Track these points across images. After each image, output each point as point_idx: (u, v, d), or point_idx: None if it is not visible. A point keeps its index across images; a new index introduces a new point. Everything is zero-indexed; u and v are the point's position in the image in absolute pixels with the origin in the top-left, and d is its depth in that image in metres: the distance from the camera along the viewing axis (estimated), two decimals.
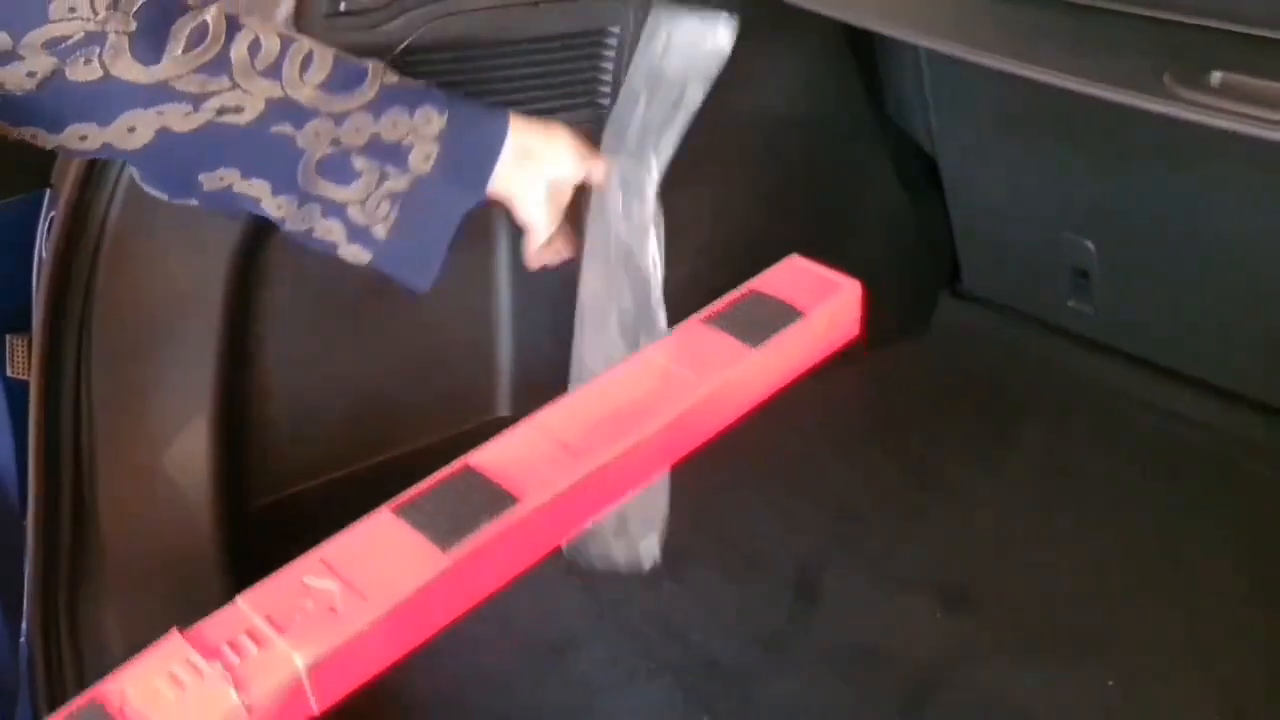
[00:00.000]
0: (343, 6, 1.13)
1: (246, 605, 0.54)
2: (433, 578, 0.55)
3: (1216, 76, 0.90)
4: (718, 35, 0.97)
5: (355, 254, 0.94)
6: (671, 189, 1.59)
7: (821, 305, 0.78)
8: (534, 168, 0.96)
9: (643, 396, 0.61)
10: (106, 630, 1.17)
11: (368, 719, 1.20)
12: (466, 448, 1.59)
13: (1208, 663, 1.24)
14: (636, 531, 1.06)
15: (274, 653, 0.52)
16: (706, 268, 1.65)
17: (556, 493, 0.56)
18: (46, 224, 1.13)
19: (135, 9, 0.78)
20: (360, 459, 1.52)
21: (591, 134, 1.07)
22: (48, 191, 1.13)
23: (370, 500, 1.49)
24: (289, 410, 1.39)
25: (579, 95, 1.32)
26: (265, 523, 1.41)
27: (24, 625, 1.14)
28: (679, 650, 1.27)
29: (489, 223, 1.44)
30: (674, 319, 1.65)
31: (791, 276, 0.84)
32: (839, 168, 1.75)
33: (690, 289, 1.65)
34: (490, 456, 0.56)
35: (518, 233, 1.07)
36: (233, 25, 0.83)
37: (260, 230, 1.18)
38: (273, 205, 0.90)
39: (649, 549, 1.08)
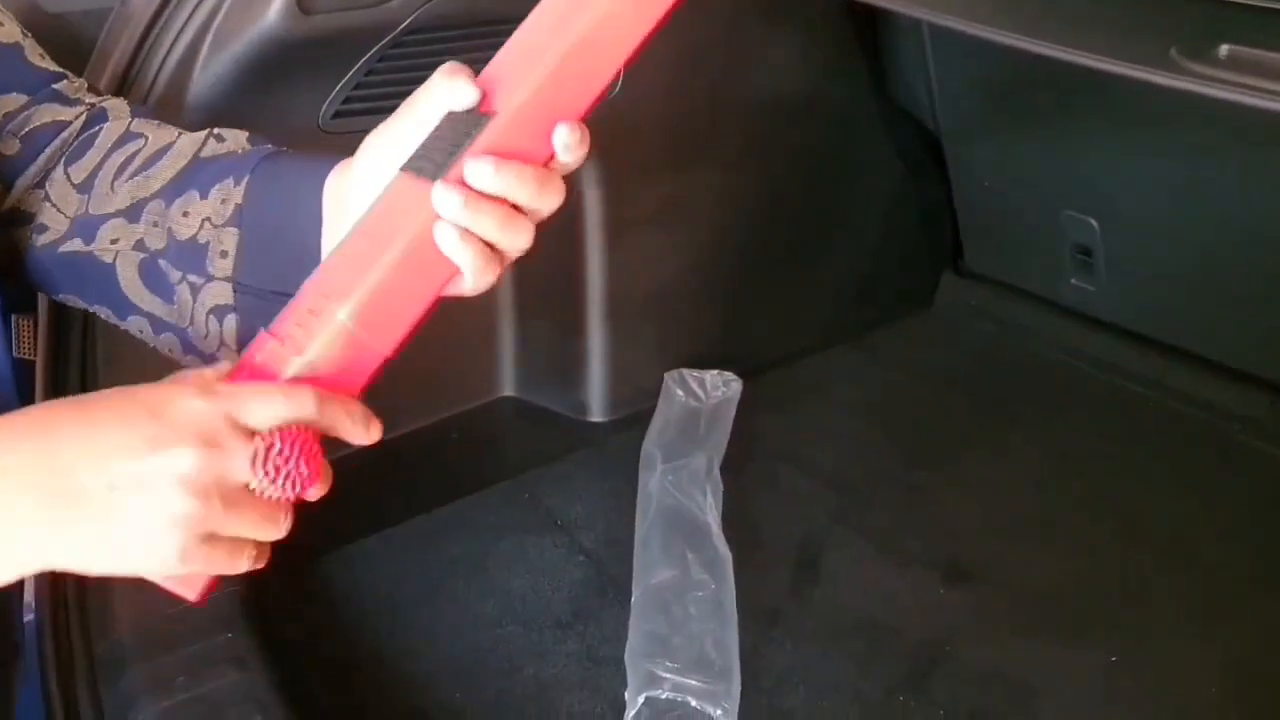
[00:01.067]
0: None
1: (307, 287, 0.61)
2: (431, 215, 0.59)
3: (1224, 50, 0.90)
4: None
5: None
6: (673, 171, 1.59)
7: None
8: None
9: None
10: (114, 610, 1.18)
11: (373, 696, 1.21)
12: (471, 427, 1.61)
13: (1210, 639, 1.24)
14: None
15: (325, 315, 0.59)
16: (707, 245, 1.65)
17: (523, 99, 0.60)
18: None
19: (25, 131, 0.74)
20: None
21: None
22: None
23: (376, 479, 1.50)
24: None
25: None
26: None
27: (30, 602, 1.14)
28: None
29: None
30: (675, 298, 1.66)
31: None
32: (841, 147, 1.74)
33: (690, 266, 1.66)
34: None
35: None
36: (88, 124, 0.76)
37: None
38: (135, 332, 0.76)
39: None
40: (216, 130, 0.75)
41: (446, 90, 0.61)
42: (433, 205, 0.58)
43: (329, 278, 0.60)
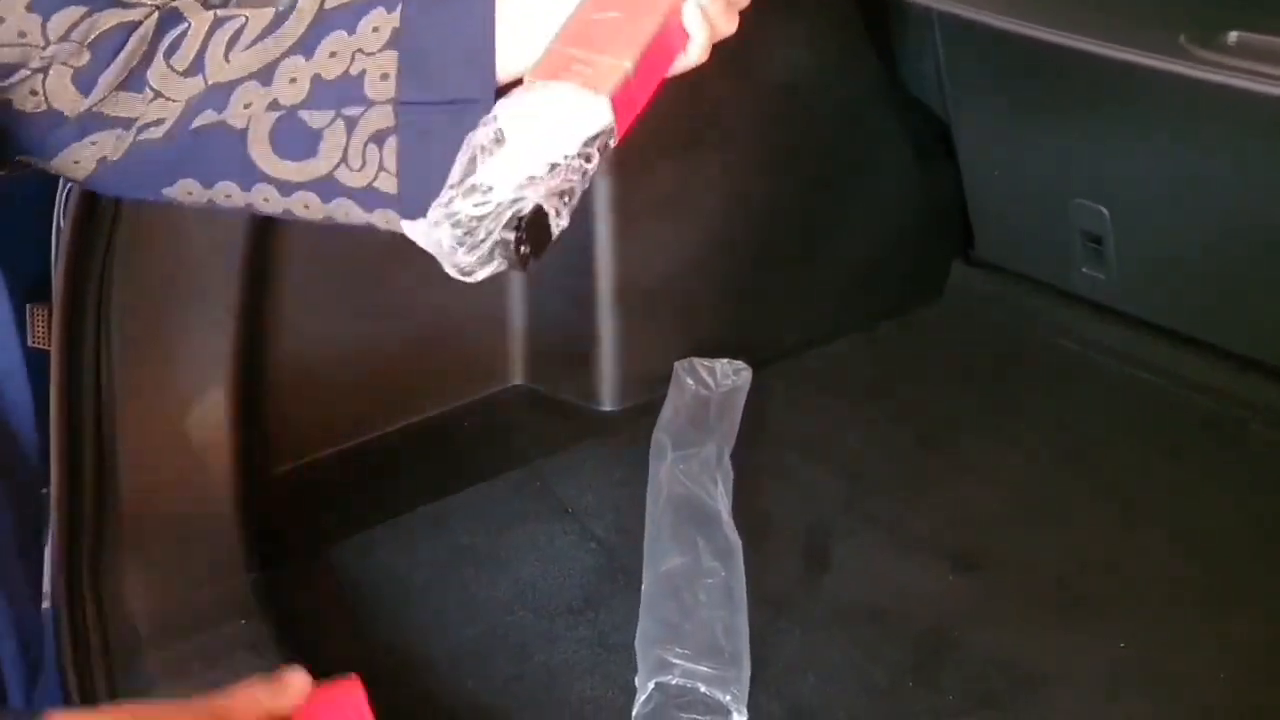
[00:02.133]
0: None
1: (563, 43, 0.68)
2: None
3: (1233, 36, 0.90)
4: None
5: (387, 221, 0.74)
6: (683, 159, 1.59)
7: None
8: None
9: None
10: (129, 596, 1.19)
11: (385, 682, 1.22)
12: (481, 415, 1.62)
13: (1220, 626, 1.24)
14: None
15: (606, 65, 0.66)
16: (717, 234, 1.65)
17: None
18: (65, 194, 1.14)
19: (92, 38, 0.72)
20: (378, 426, 1.54)
21: None
22: None
23: (387, 467, 1.51)
24: (307, 378, 1.40)
25: None
26: (285, 489, 1.42)
27: (47, 591, 1.15)
28: None
29: None
30: (685, 286, 1.66)
31: None
32: (851, 136, 1.74)
33: (700, 259, 1.66)
34: None
35: None
36: (163, 25, 0.74)
37: None
38: (259, 202, 0.76)
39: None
40: None
41: None
42: None
43: (595, 37, 0.67)
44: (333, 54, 0.72)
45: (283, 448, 1.42)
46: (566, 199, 0.64)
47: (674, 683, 1.14)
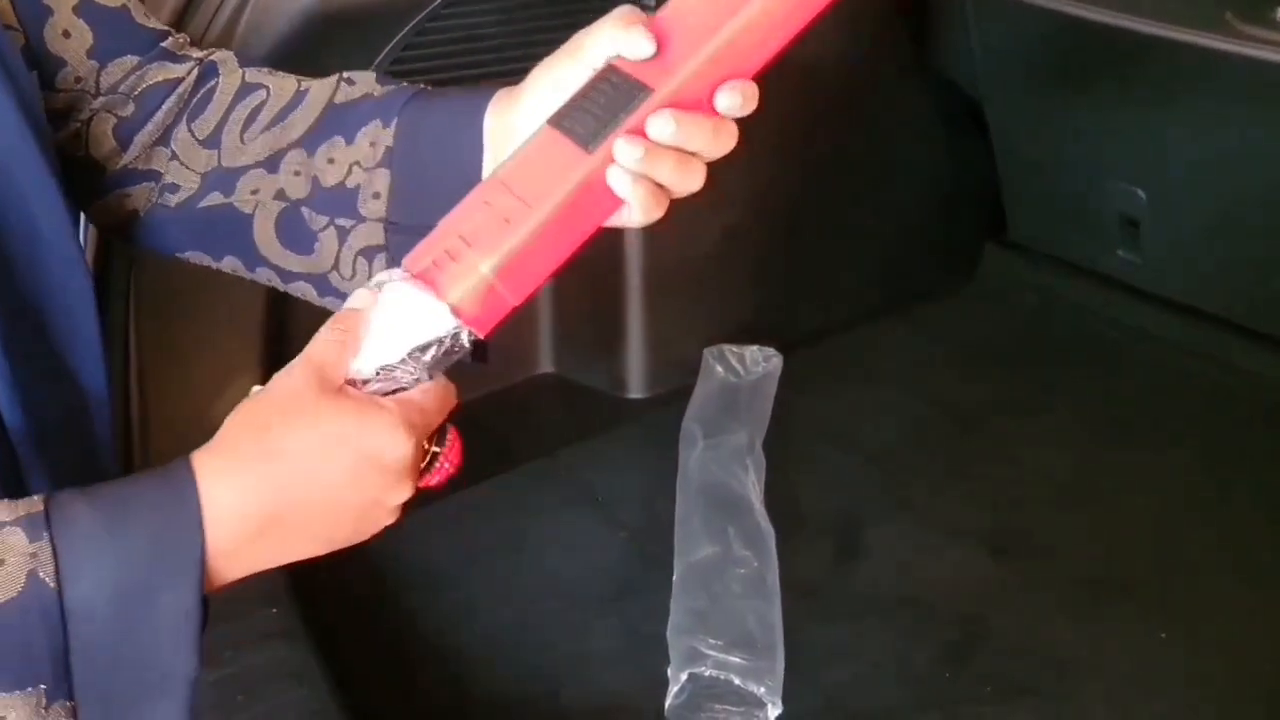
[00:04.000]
0: None
1: (444, 227, 0.63)
2: (582, 178, 0.61)
3: None
4: None
5: None
6: None
7: None
8: None
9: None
10: None
11: (414, 670, 1.22)
12: (509, 404, 1.61)
13: (1263, 612, 1.22)
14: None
15: (465, 263, 0.61)
16: (746, 218, 1.64)
17: (686, 77, 0.61)
18: None
19: (138, 91, 0.74)
20: None
21: None
22: None
23: None
24: None
25: None
26: None
27: None
28: None
29: None
30: (714, 272, 1.65)
31: None
32: (883, 117, 1.72)
33: (729, 240, 1.64)
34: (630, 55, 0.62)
35: None
36: (199, 81, 0.76)
37: None
38: (263, 280, 0.77)
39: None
40: (346, 74, 0.75)
41: (619, 39, 0.61)
42: (611, 152, 0.60)
43: (471, 224, 0.62)
44: (330, 160, 0.73)
45: None
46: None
47: (707, 674, 1.13)
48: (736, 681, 1.12)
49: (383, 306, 0.61)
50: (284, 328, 1.29)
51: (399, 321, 0.60)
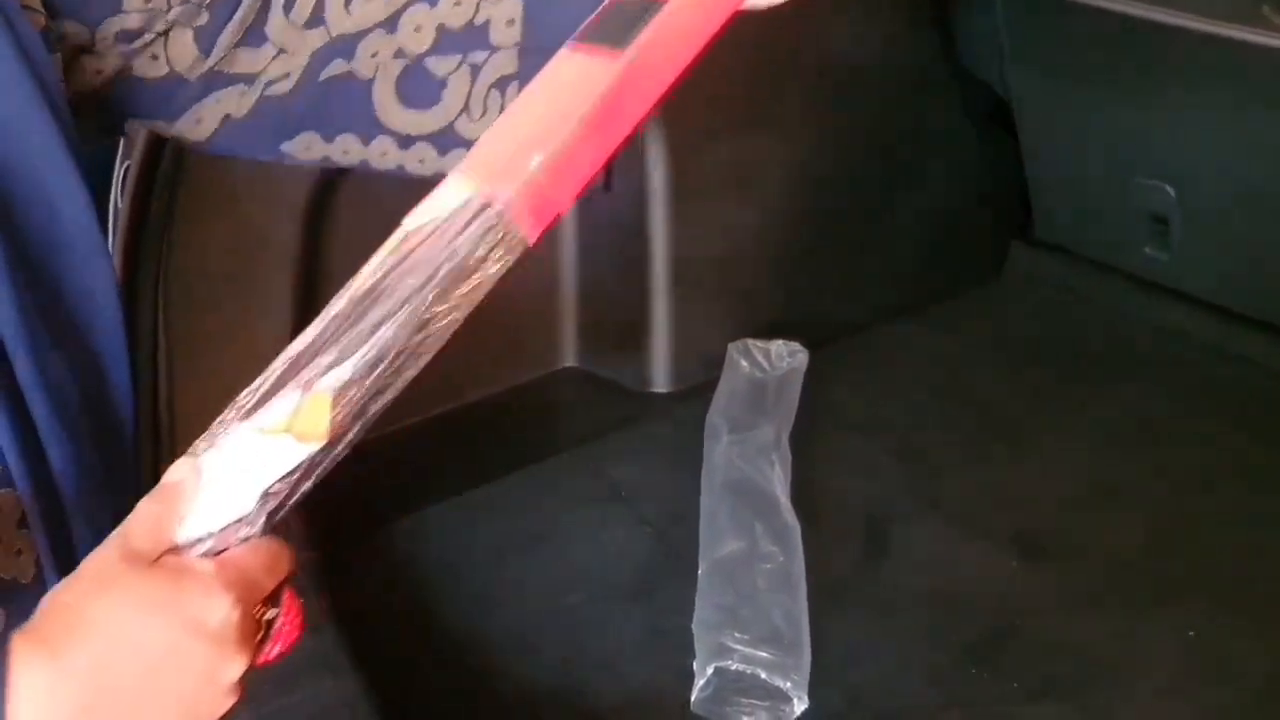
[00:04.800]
0: None
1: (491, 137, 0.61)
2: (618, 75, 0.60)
3: None
4: None
5: None
6: (738, 138, 1.57)
7: None
8: None
9: None
10: None
11: (438, 665, 1.22)
12: (532, 398, 1.61)
13: None
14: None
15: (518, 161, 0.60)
16: (772, 214, 1.63)
17: None
18: (122, 173, 1.14)
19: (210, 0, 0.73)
20: (427, 408, 1.53)
21: None
22: (121, 140, 1.14)
23: (439, 450, 1.50)
24: None
25: None
26: (339, 471, 1.42)
27: None
28: None
29: None
30: (739, 267, 1.64)
31: None
32: (909, 113, 1.71)
33: (758, 237, 1.64)
34: None
35: None
36: None
37: (333, 177, 1.18)
38: (376, 157, 0.77)
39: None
40: None
41: None
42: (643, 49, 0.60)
43: (534, 130, 0.60)
44: (456, 3, 0.73)
45: None
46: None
47: (733, 668, 1.13)
48: (763, 676, 1.12)
49: (217, 464, 0.56)
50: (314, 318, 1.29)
51: (243, 469, 0.55)
